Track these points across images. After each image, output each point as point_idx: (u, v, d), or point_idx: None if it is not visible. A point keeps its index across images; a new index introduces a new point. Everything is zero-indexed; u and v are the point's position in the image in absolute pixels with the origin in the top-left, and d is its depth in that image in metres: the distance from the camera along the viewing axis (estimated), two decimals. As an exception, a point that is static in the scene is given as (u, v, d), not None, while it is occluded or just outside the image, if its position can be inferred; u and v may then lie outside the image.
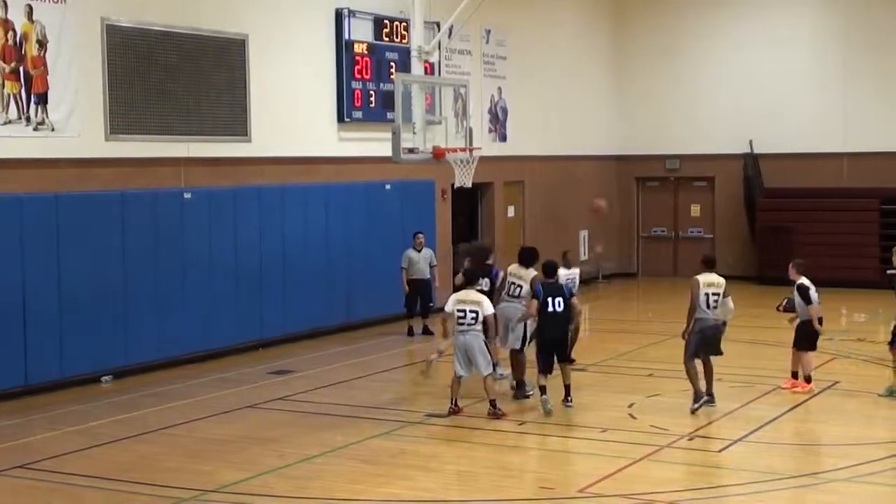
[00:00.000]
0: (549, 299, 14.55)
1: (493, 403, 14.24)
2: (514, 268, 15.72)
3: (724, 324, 14.74)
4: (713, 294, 14.43)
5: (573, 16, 29.21)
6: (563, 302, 14.57)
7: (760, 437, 13.35)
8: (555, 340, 14.64)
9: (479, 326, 14.13)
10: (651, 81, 30.46)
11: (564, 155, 28.27)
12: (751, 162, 29.10)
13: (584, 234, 28.88)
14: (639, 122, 30.56)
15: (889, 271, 18.40)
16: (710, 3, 29.89)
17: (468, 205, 25.67)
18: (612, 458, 12.37)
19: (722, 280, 14.61)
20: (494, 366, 14.90)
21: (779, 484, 11.34)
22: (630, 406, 14.82)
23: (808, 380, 15.64)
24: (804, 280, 15.73)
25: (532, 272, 15.31)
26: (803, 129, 28.56)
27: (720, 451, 12.79)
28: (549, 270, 15.04)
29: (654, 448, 12.67)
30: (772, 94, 28.91)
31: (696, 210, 30.61)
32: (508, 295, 15.46)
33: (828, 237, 27.35)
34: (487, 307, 14.20)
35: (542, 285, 14.78)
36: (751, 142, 28.96)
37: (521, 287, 15.33)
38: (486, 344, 14.37)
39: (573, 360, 15.48)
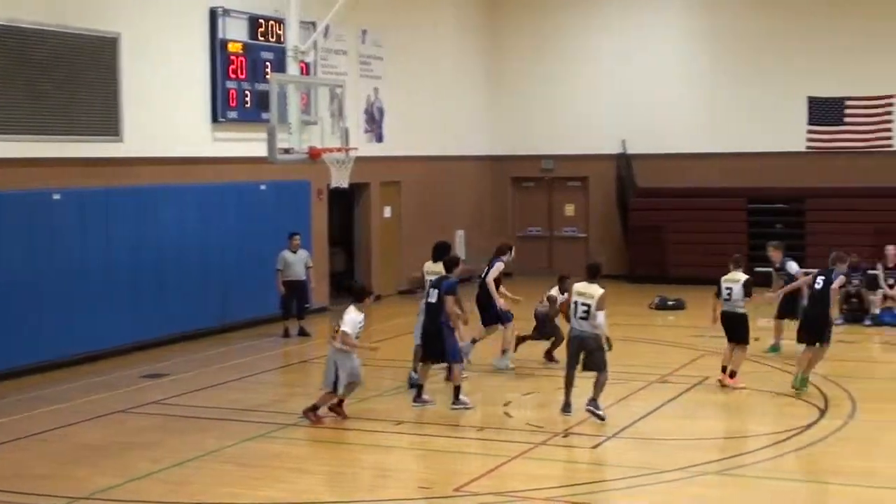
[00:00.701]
0: (430, 290, 14.95)
1: (335, 409, 14.15)
2: (428, 265, 16.31)
3: (595, 337, 13.99)
4: (582, 304, 13.94)
5: (449, 16, 29.33)
6: (437, 295, 14.75)
7: (634, 432, 13.57)
8: (426, 331, 14.97)
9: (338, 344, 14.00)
10: (526, 82, 30.74)
11: (441, 155, 28.38)
12: (623, 162, 29.57)
13: (460, 233, 29.02)
14: (514, 123, 30.82)
15: (773, 270, 18.89)
16: (583, 5, 30.29)
17: (345, 205, 25.60)
18: (489, 456, 12.47)
19: (595, 292, 13.91)
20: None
21: (653, 478, 11.54)
22: (506, 405, 14.94)
23: (732, 375, 15.89)
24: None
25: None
26: (674, 130, 29.15)
27: (595, 447, 12.96)
28: (447, 265, 15.54)
29: (529, 446, 12.80)
30: (644, 96, 29.42)
31: (570, 210, 31.01)
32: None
33: (698, 236, 27.96)
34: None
35: (439, 279, 15.16)
36: (624, 142, 29.43)
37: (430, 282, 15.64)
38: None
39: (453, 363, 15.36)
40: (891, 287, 22.01)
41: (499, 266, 17.22)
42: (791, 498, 11.28)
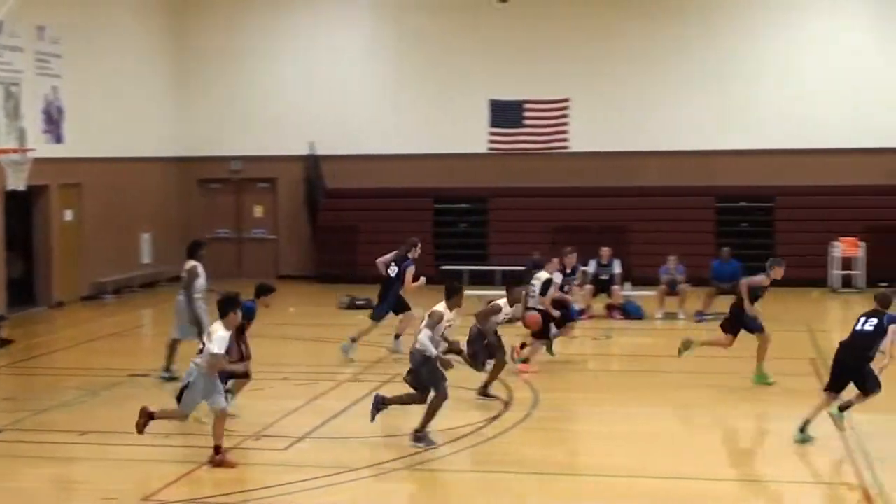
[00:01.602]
0: None
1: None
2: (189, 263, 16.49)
3: (419, 352, 12.88)
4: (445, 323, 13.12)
5: (132, 15, 28.53)
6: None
7: (326, 432, 13.61)
8: None
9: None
10: (214, 83, 30.34)
11: (125, 156, 27.58)
12: (312, 163, 29.64)
13: (145, 237, 28.36)
14: (202, 124, 30.33)
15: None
16: (270, 7, 30.14)
17: (22, 208, 24.47)
18: (178, 463, 12.21)
19: (436, 310, 13.04)
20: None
21: (345, 477, 11.61)
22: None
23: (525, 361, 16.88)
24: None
25: (192, 263, 16.30)
26: (363, 132, 29.43)
27: (286, 448, 12.91)
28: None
29: (220, 450, 12.62)
30: (332, 97, 29.60)
31: (259, 211, 30.82)
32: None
33: (387, 235, 28.23)
34: None
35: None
36: (312, 143, 29.49)
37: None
38: None
39: None
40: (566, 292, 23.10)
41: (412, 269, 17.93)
42: (474, 487, 11.71)
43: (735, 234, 27.36)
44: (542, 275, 17.46)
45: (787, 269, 16.16)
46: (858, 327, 12.62)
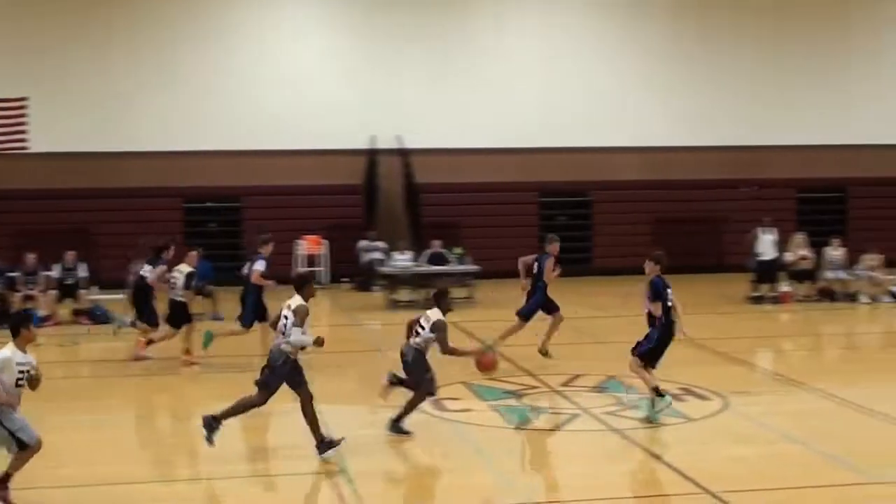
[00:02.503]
0: None
1: None
2: None
3: (283, 355, 11.89)
4: (284, 316, 11.97)
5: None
6: None
7: None
8: None
9: None
10: None
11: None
12: None
13: None
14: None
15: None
16: None
17: None
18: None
19: (294, 302, 11.97)
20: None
21: None
22: None
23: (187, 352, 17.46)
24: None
25: None
26: None
27: None
28: None
29: None
30: None
31: None
32: None
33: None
34: None
35: None
36: None
37: None
38: None
39: None
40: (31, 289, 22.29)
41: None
42: None
43: (203, 234, 27.53)
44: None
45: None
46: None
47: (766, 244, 24.18)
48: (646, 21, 30.26)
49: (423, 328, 12.74)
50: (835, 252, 24.76)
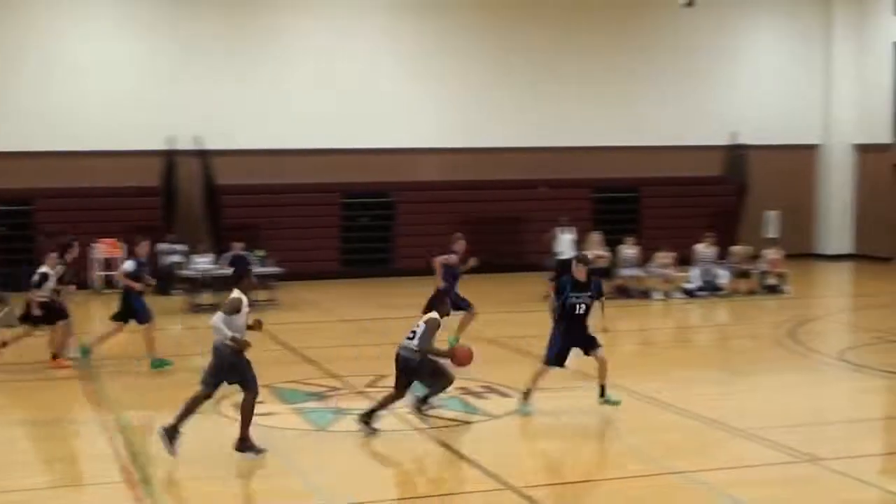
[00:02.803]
0: None
1: None
2: None
3: (223, 347, 11.88)
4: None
5: None
6: None
7: None
8: None
9: None
10: None
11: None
12: None
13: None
14: None
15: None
16: None
17: None
18: None
19: (233, 295, 12.00)
20: None
21: None
22: None
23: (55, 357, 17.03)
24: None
25: None
26: None
27: None
28: None
29: None
30: None
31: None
32: None
33: None
34: None
35: None
36: None
37: None
38: None
39: None
40: None
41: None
42: None
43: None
44: None
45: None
46: None
47: (564, 243, 24.72)
48: (441, 21, 30.51)
49: (419, 327, 13.12)
50: (629, 250, 25.56)
